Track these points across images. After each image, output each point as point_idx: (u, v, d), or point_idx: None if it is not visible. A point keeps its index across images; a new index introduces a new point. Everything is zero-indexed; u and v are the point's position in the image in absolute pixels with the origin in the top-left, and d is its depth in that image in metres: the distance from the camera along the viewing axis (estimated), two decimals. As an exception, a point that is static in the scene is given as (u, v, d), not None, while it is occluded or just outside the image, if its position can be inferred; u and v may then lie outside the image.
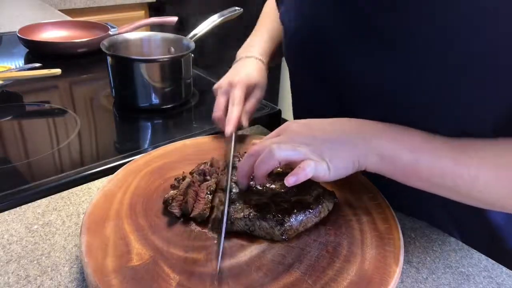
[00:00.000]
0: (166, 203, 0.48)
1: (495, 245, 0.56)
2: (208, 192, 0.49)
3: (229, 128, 0.59)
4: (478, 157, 0.42)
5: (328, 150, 0.43)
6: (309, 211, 0.46)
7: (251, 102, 0.64)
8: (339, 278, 0.40)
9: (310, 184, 0.49)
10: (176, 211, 0.47)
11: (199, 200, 0.49)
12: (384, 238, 0.45)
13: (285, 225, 0.44)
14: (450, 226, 0.55)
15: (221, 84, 0.64)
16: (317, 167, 0.42)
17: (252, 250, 0.44)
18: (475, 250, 0.51)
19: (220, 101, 0.62)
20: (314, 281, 0.40)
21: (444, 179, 0.42)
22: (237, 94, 0.61)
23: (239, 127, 0.62)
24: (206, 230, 0.46)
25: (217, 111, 0.62)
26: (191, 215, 0.47)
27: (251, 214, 0.45)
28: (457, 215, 0.56)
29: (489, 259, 0.50)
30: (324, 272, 0.41)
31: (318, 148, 0.43)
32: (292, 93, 0.68)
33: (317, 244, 0.45)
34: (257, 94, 0.64)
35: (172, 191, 0.49)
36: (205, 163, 0.55)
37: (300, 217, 0.45)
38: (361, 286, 0.39)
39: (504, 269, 0.48)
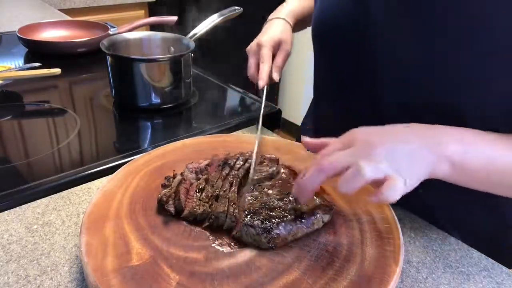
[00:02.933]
0: (161, 202, 0.48)
1: (501, 245, 0.56)
2: (197, 190, 0.49)
3: (261, 82, 0.66)
4: None
5: (403, 163, 0.40)
6: (300, 222, 0.45)
7: (279, 57, 0.70)
8: (339, 278, 0.40)
9: None
10: (171, 209, 0.47)
11: (189, 198, 0.49)
12: (384, 238, 0.45)
13: (272, 233, 0.43)
14: (449, 224, 0.55)
15: (251, 46, 0.72)
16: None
17: (252, 250, 0.44)
18: (475, 250, 0.51)
19: (251, 61, 0.71)
20: (314, 280, 0.40)
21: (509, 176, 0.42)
22: (265, 52, 0.68)
23: (271, 82, 0.69)
24: (205, 230, 0.46)
25: (250, 70, 0.71)
26: (181, 215, 0.47)
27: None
28: (459, 214, 0.56)
29: (489, 258, 0.50)
30: (324, 271, 0.41)
31: (397, 163, 0.39)
32: (316, 76, 0.70)
33: (317, 244, 0.44)
34: (284, 49, 0.71)
35: (164, 190, 0.50)
36: (192, 162, 0.55)
37: (289, 226, 0.44)
38: (361, 285, 0.39)
39: (504, 268, 0.48)
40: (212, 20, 0.90)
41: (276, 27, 0.72)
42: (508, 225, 0.56)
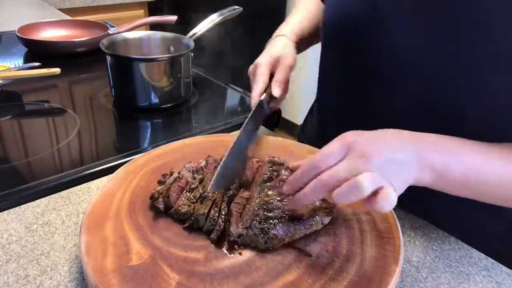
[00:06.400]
0: (153, 198, 0.48)
1: (501, 246, 0.56)
2: (188, 189, 0.49)
3: (252, 101, 0.62)
4: None
5: (393, 172, 0.41)
6: (298, 223, 0.45)
7: (279, 73, 0.65)
8: (339, 278, 0.40)
9: None
10: (161, 206, 0.47)
11: (180, 196, 0.49)
12: (383, 238, 0.45)
13: (270, 234, 0.43)
14: (450, 225, 0.55)
15: (250, 67, 0.67)
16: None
17: (252, 250, 0.44)
18: (475, 250, 0.51)
19: (251, 84, 0.65)
20: (313, 280, 0.40)
21: (492, 187, 0.43)
22: (259, 72, 0.64)
23: (273, 98, 0.64)
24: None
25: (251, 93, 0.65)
26: (167, 213, 0.47)
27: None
28: (460, 215, 0.56)
29: (489, 258, 0.50)
30: (324, 271, 0.41)
31: (387, 171, 0.40)
32: (322, 72, 0.68)
33: (317, 244, 0.44)
34: (284, 64, 0.66)
35: (159, 187, 0.50)
36: (190, 162, 0.55)
37: (287, 227, 0.44)
38: (361, 285, 0.39)
39: (504, 268, 0.48)
40: (212, 20, 0.90)
41: (275, 45, 0.68)
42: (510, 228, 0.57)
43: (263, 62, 0.65)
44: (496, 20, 0.41)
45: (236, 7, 0.94)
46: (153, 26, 1.39)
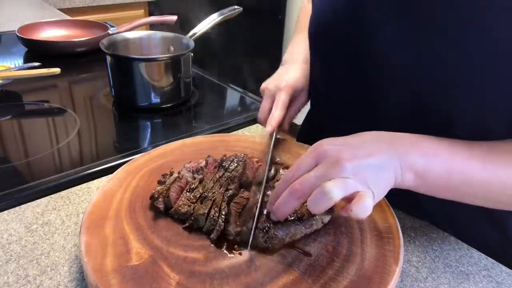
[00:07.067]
0: (153, 198, 0.48)
1: (502, 249, 0.55)
2: (188, 189, 0.49)
3: (269, 128, 0.61)
4: (506, 161, 0.43)
5: (371, 176, 0.40)
6: (299, 223, 0.45)
7: (295, 108, 0.66)
8: (339, 278, 0.40)
9: None
10: (161, 206, 0.47)
11: (180, 196, 0.49)
12: (384, 238, 0.45)
13: (270, 233, 0.43)
14: (449, 228, 0.55)
15: (268, 86, 0.65)
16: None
17: (252, 250, 0.44)
18: (475, 249, 0.51)
19: (265, 104, 0.65)
20: (313, 280, 0.40)
21: (475, 188, 0.43)
22: (282, 98, 0.63)
23: (279, 130, 0.63)
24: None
25: (262, 113, 0.65)
26: (168, 212, 0.47)
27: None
28: (459, 220, 0.56)
29: (489, 258, 0.50)
30: (324, 271, 0.41)
31: (363, 176, 0.39)
32: (310, 78, 0.67)
33: (317, 244, 0.44)
34: (302, 100, 0.66)
35: (159, 187, 0.50)
36: (190, 162, 0.55)
37: (288, 227, 0.44)
38: (361, 285, 0.39)
39: (504, 268, 0.48)
40: (212, 20, 0.90)
41: (298, 72, 0.67)
42: (508, 237, 0.56)
43: (287, 89, 0.63)
44: (487, 23, 0.40)
45: (236, 7, 0.94)
46: (153, 26, 1.39)
